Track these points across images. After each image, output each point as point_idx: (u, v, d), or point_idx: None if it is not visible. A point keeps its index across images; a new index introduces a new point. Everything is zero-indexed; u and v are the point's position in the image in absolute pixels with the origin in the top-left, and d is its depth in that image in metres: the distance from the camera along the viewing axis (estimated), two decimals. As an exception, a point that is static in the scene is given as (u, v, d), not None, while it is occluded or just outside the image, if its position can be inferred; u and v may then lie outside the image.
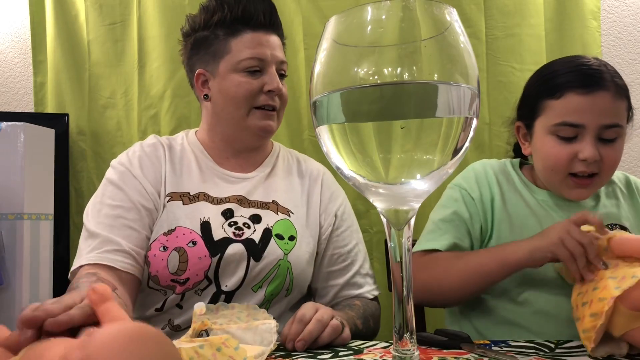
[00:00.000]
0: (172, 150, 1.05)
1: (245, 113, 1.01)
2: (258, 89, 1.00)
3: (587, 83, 0.91)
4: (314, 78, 0.42)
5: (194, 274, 0.92)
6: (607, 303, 0.66)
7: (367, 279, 1.07)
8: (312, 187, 1.08)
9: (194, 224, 0.95)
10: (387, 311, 1.66)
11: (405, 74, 0.38)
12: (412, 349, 0.42)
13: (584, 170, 0.92)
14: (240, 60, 1.00)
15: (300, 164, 1.12)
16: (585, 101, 0.91)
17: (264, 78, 1.01)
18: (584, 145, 0.91)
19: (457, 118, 0.39)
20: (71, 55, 1.92)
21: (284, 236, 0.99)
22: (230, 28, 1.01)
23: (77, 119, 1.90)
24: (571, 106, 0.91)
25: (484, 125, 1.67)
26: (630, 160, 1.76)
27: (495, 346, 0.71)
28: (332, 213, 1.07)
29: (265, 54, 1.00)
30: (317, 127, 0.42)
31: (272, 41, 1.03)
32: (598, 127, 0.91)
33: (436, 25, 0.40)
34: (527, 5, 1.71)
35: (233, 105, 1.01)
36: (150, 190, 0.98)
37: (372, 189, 0.41)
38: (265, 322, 0.74)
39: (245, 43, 1.00)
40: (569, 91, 0.92)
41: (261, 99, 1.01)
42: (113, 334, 0.36)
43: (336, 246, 1.05)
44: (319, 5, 1.76)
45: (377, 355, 0.67)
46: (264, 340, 0.71)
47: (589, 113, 0.90)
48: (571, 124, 0.91)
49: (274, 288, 0.96)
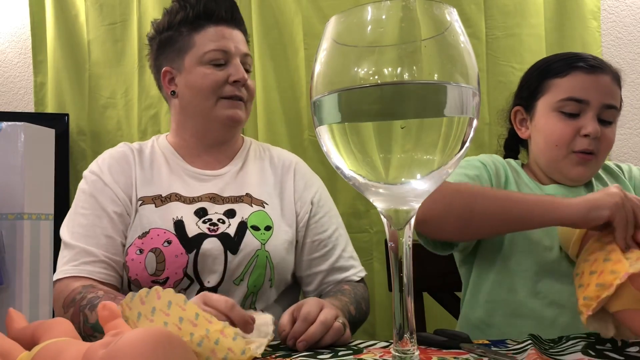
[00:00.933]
0: (142, 154, 1.07)
1: (213, 104, 1.03)
2: (223, 80, 1.03)
3: (591, 64, 0.97)
4: (314, 78, 0.42)
5: (173, 272, 0.93)
6: (620, 277, 0.66)
7: (351, 261, 1.08)
8: (285, 177, 1.10)
9: (167, 224, 0.96)
10: (387, 311, 1.67)
11: (405, 74, 0.38)
12: (412, 349, 0.42)
13: (585, 147, 0.95)
14: (205, 53, 1.03)
15: (272, 156, 1.14)
16: (590, 79, 0.96)
17: (229, 69, 1.03)
18: (587, 121, 0.95)
19: (457, 118, 0.39)
20: (71, 55, 1.92)
21: (260, 227, 1.00)
22: (193, 24, 1.05)
23: (77, 119, 1.90)
24: (577, 83, 0.96)
25: (484, 125, 1.67)
26: (631, 160, 1.76)
27: (495, 346, 0.71)
28: (308, 200, 1.08)
29: (229, 47, 1.04)
30: (317, 127, 0.42)
31: (235, 35, 1.06)
32: (600, 105, 0.95)
33: (436, 25, 0.40)
34: (527, 5, 1.71)
35: (200, 96, 1.03)
36: (121, 196, 1.00)
37: (372, 189, 0.41)
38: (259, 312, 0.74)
39: (209, 36, 1.03)
40: (574, 70, 0.97)
41: (227, 89, 1.03)
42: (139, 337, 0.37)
43: (315, 233, 1.06)
44: (319, 5, 1.76)
45: (377, 355, 0.67)
46: (261, 333, 0.71)
47: (593, 90, 0.95)
48: (577, 99, 0.96)
49: (255, 279, 0.97)
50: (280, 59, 1.78)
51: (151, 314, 0.56)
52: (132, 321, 0.57)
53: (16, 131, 0.50)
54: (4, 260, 0.50)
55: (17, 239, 0.50)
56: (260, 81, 1.76)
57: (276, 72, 1.78)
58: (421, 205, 0.81)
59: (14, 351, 0.45)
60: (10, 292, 0.50)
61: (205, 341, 0.55)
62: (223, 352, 0.55)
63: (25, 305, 0.51)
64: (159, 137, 1.13)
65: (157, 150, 1.08)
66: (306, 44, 1.75)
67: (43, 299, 0.53)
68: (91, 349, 0.40)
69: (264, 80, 1.76)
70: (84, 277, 0.92)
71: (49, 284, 0.54)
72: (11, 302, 0.50)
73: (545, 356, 0.65)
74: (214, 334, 0.56)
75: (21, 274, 0.50)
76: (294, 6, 1.77)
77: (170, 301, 0.56)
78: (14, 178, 0.50)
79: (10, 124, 0.51)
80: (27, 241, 0.51)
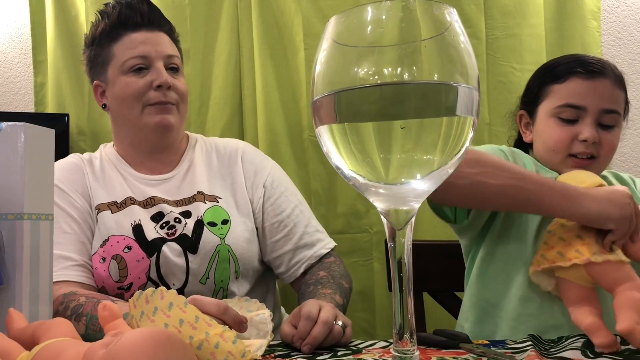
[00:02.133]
0: (92, 164, 1.08)
1: (139, 112, 1.03)
2: (146, 87, 1.02)
3: (589, 69, 0.97)
4: (314, 78, 0.42)
5: (136, 277, 0.94)
6: (581, 260, 0.75)
7: (317, 235, 1.07)
8: (234, 167, 1.09)
9: (126, 229, 0.97)
10: (387, 311, 1.67)
11: (405, 74, 0.38)
12: (412, 349, 0.42)
13: (583, 152, 0.96)
14: (124, 62, 1.02)
15: (218, 149, 1.12)
16: (588, 85, 0.96)
17: (151, 74, 1.02)
18: (584, 127, 0.96)
19: (457, 118, 0.39)
20: (71, 55, 1.92)
21: (217, 222, 1.00)
22: (110, 35, 1.05)
23: (77, 119, 1.90)
24: (574, 89, 0.97)
25: (484, 125, 1.67)
26: (631, 160, 1.76)
27: (494, 346, 0.71)
28: (260, 185, 1.07)
29: (147, 51, 1.02)
30: (317, 127, 0.42)
31: (154, 38, 1.04)
32: (598, 111, 0.96)
33: (436, 25, 0.40)
34: (527, 5, 1.70)
35: (125, 106, 1.03)
36: (81, 202, 1.00)
37: (372, 189, 0.42)
38: (258, 312, 0.74)
39: (126, 45, 1.03)
40: (572, 76, 0.98)
41: (151, 95, 1.02)
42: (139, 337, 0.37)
43: (273, 215, 1.05)
44: (319, 5, 1.76)
45: (376, 355, 0.67)
46: (260, 332, 0.71)
47: (590, 96, 0.96)
48: (574, 106, 0.96)
49: (221, 274, 0.97)
50: (280, 59, 1.78)
51: (153, 314, 0.56)
52: (136, 319, 0.57)
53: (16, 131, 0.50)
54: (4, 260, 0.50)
55: (17, 239, 0.50)
56: (260, 81, 1.76)
57: (276, 72, 1.78)
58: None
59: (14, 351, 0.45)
60: (10, 292, 0.50)
61: (204, 344, 0.55)
62: (223, 355, 0.55)
63: (25, 305, 0.51)
64: (106, 145, 1.14)
65: (105, 159, 1.09)
66: (306, 44, 1.75)
67: (43, 299, 0.53)
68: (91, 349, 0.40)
69: (264, 80, 1.76)
70: (65, 281, 0.91)
71: (49, 284, 0.54)
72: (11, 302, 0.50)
73: (545, 358, 0.65)
74: (213, 338, 0.56)
75: (21, 274, 0.51)
76: (294, 6, 1.77)
77: (172, 302, 0.56)
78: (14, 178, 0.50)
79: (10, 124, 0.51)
80: (27, 241, 0.51)
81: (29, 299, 0.51)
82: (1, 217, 0.50)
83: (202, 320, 0.56)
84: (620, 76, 1.00)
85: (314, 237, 1.06)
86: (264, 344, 0.66)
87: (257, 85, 1.76)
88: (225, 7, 1.83)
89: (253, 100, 1.78)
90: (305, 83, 1.75)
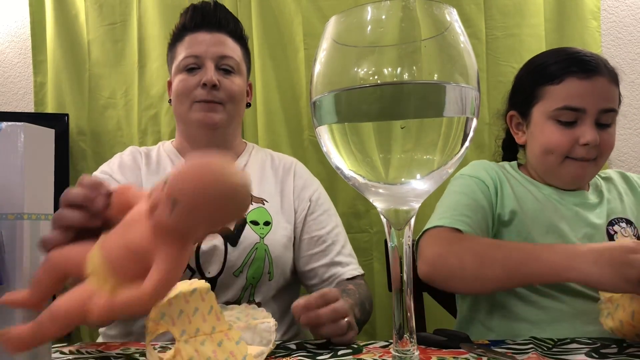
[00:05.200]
0: (149, 157, 1.12)
1: (188, 108, 1.08)
2: (195, 84, 1.06)
3: (585, 68, 0.94)
4: (314, 78, 0.42)
5: None
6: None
7: (350, 258, 1.10)
8: (285, 177, 1.14)
9: None
10: (387, 311, 1.67)
11: (405, 74, 0.38)
12: (412, 349, 0.42)
13: (584, 156, 0.94)
14: (180, 61, 1.08)
15: (273, 159, 1.18)
16: (586, 86, 0.93)
17: (201, 74, 1.07)
18: (585, 130, 0.93)
19: (457, 118, 0.39)
20: (71, 55, 1.92)
21: (259, 222, 1.03)
22: (178, 36, 1.12)
23: (77, 119, 1.90)
24: (572, 90, 0.94)
25: (484, 125, 1.67)
26: (631, 160, 1.76)
27: (495, 346, 0.71)
28: (307, 198, 1.12)
29: (199, 51, 1.07)
30: (317, 127, 0.42)
31: (210, 38, 1.08)
32: (597, 111, 0.93)
33: (436, 25, 0.40)
34: (527, 5, 1.71)
35: (177, 102, 1.09)
36: None
37: (372, 189, 0.42)
38: (264, 321, 0.74)
39: (185, 45, 1.09)
40: (569, 76, 0.94)
41: (198, 93, 1.06)
42: (198, 167, 0.42)
43: (314, 229, 1.09)
44: (319, 5, 1.76)
45: (376, 355, 0.67)
46: (263, 340, 0.71)
47: (589, 97, 0.93)
48: (573, 108, 0.93)
49: (254, 271, 0.99)
50: (280, 59, 1.78)
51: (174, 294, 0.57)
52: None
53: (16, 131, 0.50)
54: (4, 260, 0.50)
55: (17, 239, 0.50)
56: (260, 81, 1.76)
57: (276, 72, 1.78)
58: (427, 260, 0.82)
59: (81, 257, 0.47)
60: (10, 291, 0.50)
61: (208, 341, 0.55)
62: (224, 354, 0.55)
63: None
64: (165, 142, 1.19)
65: (163, 154, 1.14)
66: (306, 44, 1.75)
67: (43, 299, 0.53)
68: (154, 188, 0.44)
69: (264, 80, 1.76)
70: None
71: (49, 284, 0.54)
72: (11, 302, 0.50)
73: (547, 358, 0.65)
74: (218, 335, 0.56)
75: (21, 274, 0.51)
76: (294, 6, 1.77)
77: (196, 289, 0.57)
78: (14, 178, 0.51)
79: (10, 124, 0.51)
80: (27, 241, 0.51)
81: (29, 299, 0.51)
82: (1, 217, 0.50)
83: (214, 313, 0.56)
84: (614, 71, 0.97)
85: (348, 259, 1.10)
86: (264, 352, 0.66)
87: (257, 85, 1.76)
88: (225, 7, 1.83)
89: (253, 100, 1.78)
90: (305, 83, 1.75)
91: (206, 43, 1.07)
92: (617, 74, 0.98)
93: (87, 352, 0.73)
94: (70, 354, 0.72)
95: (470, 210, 0.95)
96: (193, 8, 1.11)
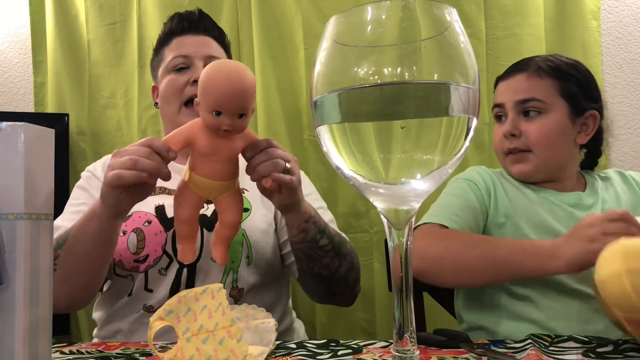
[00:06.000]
0: None
1: (177, 110, 1.09)
2: (184, 83, 1.08)
3: (508, 71, 1.07)
4: (314, 78, 0.42)
5: (152, 249, 0.98)
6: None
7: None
8: None
9: (149, 208, 1.02)
10: (387, 311, 1.67)
11: (405, 74, 0.38)
12: (412, 349, 0.42)
13: (509, 147, 1.03)
14: (168, 62, 1.11)
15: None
16: (505, 84, 1.05)
17: (190, 73, 1.09)
18: (506, 122, 1.03)
19: (457, 118, 0.39)
20: (71, 55, 1.92)
21: None
22: (164, 41, 1.16)
23: (77, 119, 1.90)
24: (497, 90, 1.08)
25: (484, 125, 1.67)
26: (631, 160, 1.76)
27: (494, 346, 0.71)
28: None
29: (189, 51, 1.10)
30: (317, 127, 0.42)
31: (198, 40, 1.13)
32: (514, 103, 1.02)
33: (436, 25, 0.40)
34: (527, 5, 1.71)
35: (166, 103, 1.10)
36: None
37: (372, 189, 0.42)
38: (264, 321, 0.74)
39: (172, 47, 1.13)
40: (499, 80, 1.08)
41: (188, 91, 1.07)
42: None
43: None
44: (319, 5, 1.76)
45: (376, 355, 0.67)
46: (264, 340, 0.71)
47: (506, 93, 1.04)
48: (497, 105, 1.06)
49: (232, 255, 1.00)
50: (280, 59, 1.78)
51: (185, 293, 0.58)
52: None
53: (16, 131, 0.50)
54: (4, 260, 0.50)
55: (17, 239, 0.50)
56: (260, 81, 1.76)
57: (276, 72, 1.78)
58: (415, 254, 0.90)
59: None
60: (10, 292, 0.50)
61: (210, 339, 0.56)
62: (225, 353, 0.55)
63: (26, 305, 0.51)
64: None
65: None
66: (306, 44, 1.75)
67: (43, 299, 0.53)
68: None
69: (264, 80, 1.76)
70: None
71: (49, 284, 0.54)
72: (11, 302, 0.50)
73: (546, 356, 0.65)
74: (220, 332, 0.56)
75: (21, 274, 0.50)
76: (294, 6, 1.77)
77: (208, 288, 0.58)
78: (14, 178, 0.50)
79: (10, 124, 0.51)
80: (27, 241, 0.51)
81: (29, 299, 0.51)
82: (1, 217, 0.50)
83: (222, 308, 0.57)
84: (547, 66, 1.02)
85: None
86: (265, 352, 0.66)
87: (257, 85, 1.76)
88: (225, 7, 1.83)
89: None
90: (305, 83, 1.75)
91: (194, 44, 1.11)
92: (560, 69, 1.02)
93: (87, 352, 0.73)
94: (70, 354, 0.72)
95: (461, 210, 1.00)
96: (179, 15, 1.16)
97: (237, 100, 0.71)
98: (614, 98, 1.73)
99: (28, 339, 0.51)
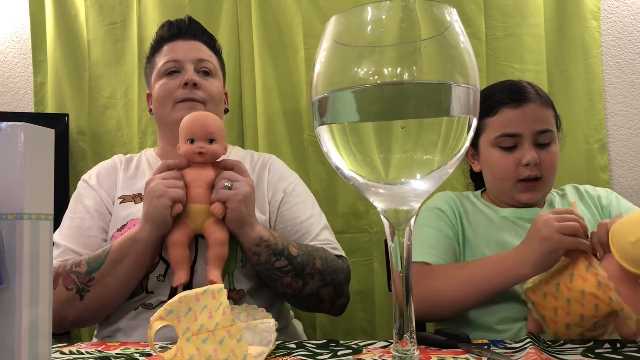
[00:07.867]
0: (129, 162, 1.18)
1: (170, 109, 1.13)
2: (176, 86, 1.12)
3: (516, 98, 1.06)
4: (314, 78, 0.42)
5: None
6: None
7: (325, 242, 1.10)
8: (262, 172, 1.17)
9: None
10: (387, 311, 1.67)
11: (405, 74, 0.38)
12: (412, 349, 0.42)
13: (529, 175, 1.04)
14: (160, 67, 1.15)
15: (252, 156, 1.22)
16: (517, 113, 1.05)
17: (181, 76, 1.13)
18: (524, 151, 1.04)
19: (457, 118, 0.39)
20: (71, 55, 1.92)
21: None
22: (155, 48, 1.21)
23: (77, 119, 1.90)
24: (507, 119, 1.06)
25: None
26: (631, 160, 1.76)
27: (494, 346, 0.71)
28: (281, 190, 1.14)
29: (179, 55, 1.15)
30: (317, 127, 0.42)
31: (188, 45, 1.17)
32: (532, 134, 1.04)
33: (436, 25, 0.40)
34: (527, 5, 1.71)
35: (159, 105, 1.15)
36: (104, 197, 1.10)
37: (372, 189, 0.42)
38: (264, 321, 0.74)
39: (163, 53, 1.17)
40: (502, 107, 1.06)
41: (179, 93, 1.12)
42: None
43: (288, 219, 1.11)
44: (319, 5, 1.76)
45: (376, 355, 0.67)
46: (263, 340, 0.71)
47: (522, 122, 1.04)
48: (509, 134, 1.05)
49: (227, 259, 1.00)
50: (280, 59, 1.78)
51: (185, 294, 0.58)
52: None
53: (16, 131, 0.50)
54: (4, 260, 0.50)
55: (17, 239, 0.50)
56: (260, 81, 1.76)
57: (276, 72, 1.78)
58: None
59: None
60: (10, 292, 0.50)
61: (210, 338, 0.56)
62: (225, 353, 0.55)
63: (25, 305, 0.50)
64: (147, 150, 1.24)
65: (144, 159, 1.19)
66: (306, 44, 1.75)
67: (43, 299, 0.53)
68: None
69: (264, 80, 1.76)
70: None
71: (49, 284, 0.54)
72: (11, 302, 0.50)
73: (545, 354, 0.65)
74: (220, 332, 0.56)
75: (21, 274, 0.50)
76: (294, 6, 1.77)
77: (208, 288, 0.58)
78: (14, 178, 0.50)
79: (10, 124, 0.51)
80: (27, 241, 0.51)
81: (29, 299, 0.51)
82: (1, 217, 0.50)
83: (222, 308, 0.57)
84: (546, 96, 1.08)
85: (322, 243, 1.10)
86: (265, 352, 0.66)
87: (257, 85, 1.76)
88: (225, 7, 1.83)
89: (253, 100, 1.78)
90: (305, 83, 1.75)
91: (184, 49, 1.15)
92: (550, 99, 1.09)
93: (87, 352, 0.73)
94: (70, 354, 0.72)
95: (437, 241, 1.05)
96: (169, 23, 1.20)
97: (203, 127, 0.92)
98: (614, 98, 1.73)
99: (28, 339, 0.51)
